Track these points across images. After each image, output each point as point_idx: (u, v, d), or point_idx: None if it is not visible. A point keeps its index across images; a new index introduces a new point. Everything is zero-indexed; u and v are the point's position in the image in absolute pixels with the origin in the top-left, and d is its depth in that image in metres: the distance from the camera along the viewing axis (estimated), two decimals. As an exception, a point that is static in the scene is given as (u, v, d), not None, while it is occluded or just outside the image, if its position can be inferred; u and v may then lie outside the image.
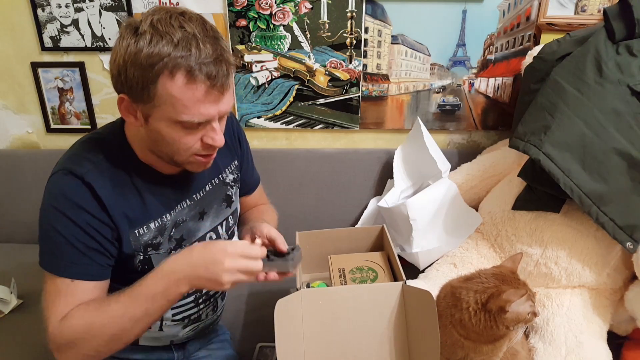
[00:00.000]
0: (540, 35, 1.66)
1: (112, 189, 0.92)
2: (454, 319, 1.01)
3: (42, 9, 1.70)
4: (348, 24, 1.67)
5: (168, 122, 0.85)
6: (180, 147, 0.89)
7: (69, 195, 0.88)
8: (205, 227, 1.09)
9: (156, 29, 0.80)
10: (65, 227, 0.88)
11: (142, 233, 0.97)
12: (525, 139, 1.31)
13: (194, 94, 0.82)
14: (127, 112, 0.88)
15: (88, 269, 0.91)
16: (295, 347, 0.99)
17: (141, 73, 0.80)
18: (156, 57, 0.79)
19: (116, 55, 0.83)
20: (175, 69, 0.80)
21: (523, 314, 0.97)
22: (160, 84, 0.81)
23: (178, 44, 0.79)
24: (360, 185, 1.80)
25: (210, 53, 0.81)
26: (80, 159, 0.92)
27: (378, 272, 1.17)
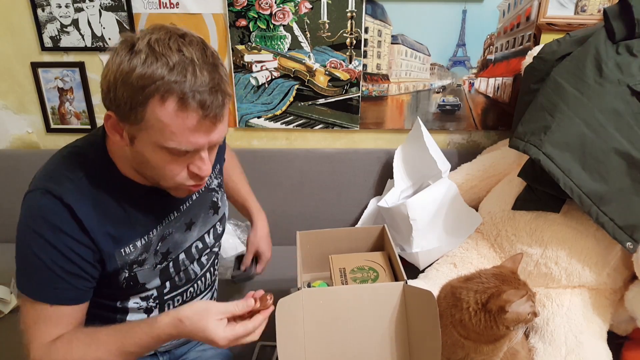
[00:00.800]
0: (540, 35, 1.66)
1: (93, 208, 0.87)
2: (454, 319, 1.01)
3: (42, 9, 1.70)
4: (348, 24, 1.67)
5: (154, 147, 0.81)
6: (165, 174, 0.85)
7: (48, 217, 0.84)
8: (192, 237, 1.06)
9: (152, 49, 0.75)
10: (43, 250, 0.85)
11: (128, 252, 0.93)
12: (525, 139, 1.31)
13: (184, 122, 0.77)
14: (113, 130, 0.83)
15: (67, 293, 0.88)
16: (296, 346, 0.99)
17: (131, 94, 0.76)
18: (148, 79, 0.74)
19: (108, 71, 0.78)
20: (167, 94, 0.75)
21: (523, 314, 0.97)
22: (149, 108, 0.76)
23: (173, 68, 0.75)
24: (360, 185, 1.80)
25: (206, 81, 0.76)
26: (59, 176, 0.87)
27: (379, 272, 1.17)
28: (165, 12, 1.68)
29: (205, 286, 1.16)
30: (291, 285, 1.56)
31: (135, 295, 1.00)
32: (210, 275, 1.17)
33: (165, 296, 1.05)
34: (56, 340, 0.87)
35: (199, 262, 1.10)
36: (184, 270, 1.06)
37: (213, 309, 0.83)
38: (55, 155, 0.93)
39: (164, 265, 1.01)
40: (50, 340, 0.87)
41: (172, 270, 1.03)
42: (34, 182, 0.89)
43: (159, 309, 1.05)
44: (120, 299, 1.00)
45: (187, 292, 1.10)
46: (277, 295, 0.96)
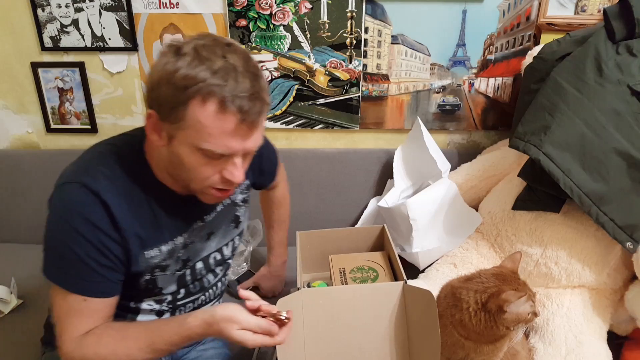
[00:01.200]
0: (540, 35, 1.66)
1: (127, 208, 0.89)
2: (455, 319, 1.01)
3: (42, 9, 1.70)
4: (348, 24, 1.67)
5: (190, 148, 0.83)
6: (197, 176, 0.87)
7: (84, 212, 0.86)
8: (210, 247, 1.08)
9: (198, 53, 0.78)
10: (78, 244, 0.86)
11: (152, 255, 0.95)
12: (525, 138, 1.31)
13: (222, 125, 0.80)
14: (152, 130, 0.86)
15: (101, 286, 0.90)
16: (296, 346, 0.99)
17: (174, 92, 0.79)
18: (191, 79, 0.77)
19: (153, 71, 0.82)
20: (208, 96, 0.78)
21: (523, 314, 0.97)
22: (190, 108, 0.79)
23: (217, 72, 0.78)
24: (360, 185, 1.80)
25: (247, 88, 0.79)
26: (95, 172, 0.88)
27: (379, 272, 1.17)
28: (165, 12, 1.68)
29: (215, 295, 1.18)
30: (291, 285, 1.56)
31: (149, 298, 1.02)
32: (220, 284, 1.19)
33: (178, 302, 1.07)
34: (87, 334, 0.89)
35: (213, 273, 1.12)
36: (199, 279, 1.09)
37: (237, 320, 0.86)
38: (91, 150, 0.94)
39: (182, 272, 1.03)
40: (81, 333, 0.89)
41: (188, 277, 1.05)
42: (69, 175, 0.90)
43: (171, 313, 1.07)
44: (134, 299, 1.01)
45: (198, 300, 1.12)
46: (277, 296, 0.96)
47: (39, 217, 1.80)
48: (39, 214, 1.86)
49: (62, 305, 0.89)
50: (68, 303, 0.89)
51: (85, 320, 0.89)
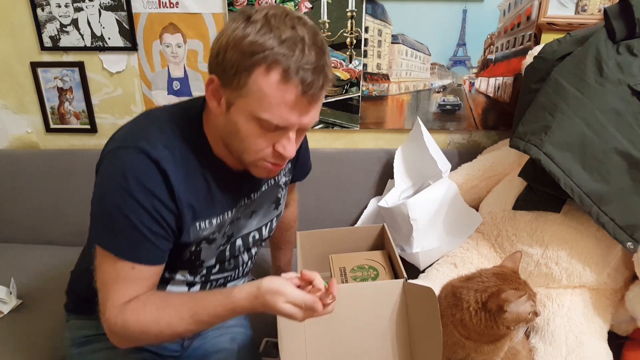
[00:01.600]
0: (540, 35, 1.66)
1: (183, 179, 0.89)
2: (455, 318, 1.01)
3: (42, 9, 1.70)
4: (348, 24, 1.66)
5: (248, 117, 0.83)
6: (251, 147, 0.87)
7: (142, 179, 0.84)
8: (252, 225, 1.08)
9: (268, 21, 0.78)
10: (133, 210, 0.85)
11: (203, 227, 0.95)
12: (525, 138, 1.31)
13: (283, 95, 0.80)
14: (213, 96, 0.86)
15: (151, 254, 0.89)
16: (298, 344, 0.99)
17: (239, 58, 0.79)
18: (259, 46, 0.77)
19: (221, 35, 0.82)
20: (274, 64, 0.78)
21: (523, 314, 0.97)
22: (254, 75, 0.79)
23: (284, 41, 0.78)
24: (360, 185, 1.80)
25: (312, 60, 0.79)
26: (154, 140, 0.87)
27: (379, 271, 1.17)
28: (165, 11, 1.68)
29: (243, 273, 1.18)
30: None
31: (185, 270, 1.02)
32: (251, 263, 1.19)
33: (211, 276, 1.07)
34: (130, 301, 0.87)
35: (249, 252, 1.13)
36: (236, 256, 1.09)
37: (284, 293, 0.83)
38: (148, 116, 0.94)
39: (224, 247, 1.04)
40: (125, 300, 0.88)
41: (227, 254, 1.06)
42: (125, 138, 0.89)
43: (201, 286, 1.07)
44: (169, 270, 1.00)
45: (230, 276, 1.13)
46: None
47: (38, 217, 1.82)
48: (39, 214, 1.87)
49: (110, 271, 0.88)
50: (116, 269, 0.87)
51: (131, 287, 0.88)
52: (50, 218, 1.80)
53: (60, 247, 1.78)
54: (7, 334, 1.39)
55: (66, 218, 1.79)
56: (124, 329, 0.86)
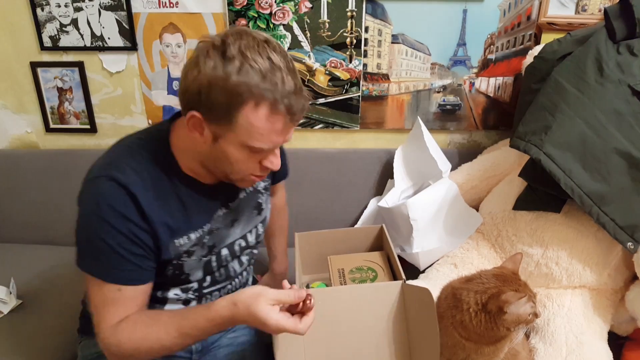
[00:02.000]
0: (540, 35, 1.66)
1: (154, 199, 0.93)
2: (455, 320, 1.00)
3: (42, 9, 1.69)
4: (348, 24, 1.66)
5: (238, 146, 0.88)
6: (241, 169, 0.93)
7: (114, 205, 0.89)
8: (235, 234, 1.10)
9: (245, 56, 0.81)
10: (110, 235, 0.89)
11: (182, 243, 0.99)
12: (526, 138, 1.31)
13: (273, 126, 0.85)
14: (194, 129, 0.89)
15: (134, 274, 0.93)
16: (295, 347, 0.99)
17: (226, 98, 0.82)
18: (244, 86, 0.81)
19: (198, 74, 0.83)
20: (261, 100, 0.82)
21: (523, 315, 0.96)
22: (243, 112, 0.83)
23: (266, 76, 0.81)
24: (360, 185, 1.80)
25: (292, 86, 0.84)
26: (124, 166, 0.92)
27: (377, 272, 1.17)
28: (165, 11, 1.68)
29: (241, 284, 1.20)
30: (290, 285, 1.56)
31: (176, 287, 1.06)
32: (246, 273, 1.21)
33: (204, 289, 1.09)
34: (122, 321, 0.92)
35: (239, 260, 1.15)
36: (225, 266, 1.11)
37: (266, 294, 0.86)
38: (119, 145, 0.99)
39: (208, 258, 1.05)
40: (117, 321, 0.92)
41: (214, 264, 1.08)
42: (98, 169, 0.93)
43: (197, 302, 1.10)
44: (162, 288, 1.04)
45: (225, 288, 1.14)
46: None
47: (38, 217, 1.82)
48: (38, 214, 1.87)
49: (98, 295, 0.92)
50: (103, 293, 0.92)
51: (121, 308, 0.92)
52: (50, 218, 1.80)
53: (60, 247, 1.77)
54: (7, 334, 1.39)
55: (66, 218, 1.77)
56: (118, 348, 0.90)
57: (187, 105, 0.87)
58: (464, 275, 1.08)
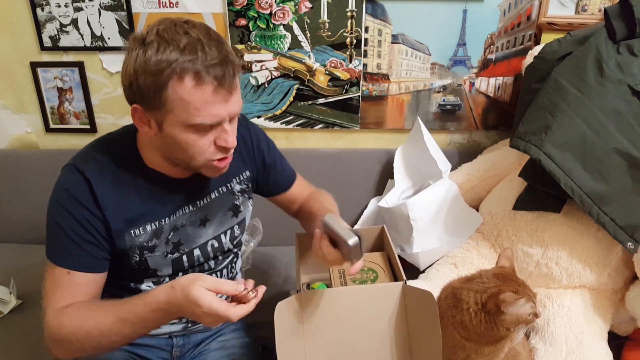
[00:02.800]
0: (540, 35, 1.66)
1: (112, 188, 0.95)
2: (455, 320, 1.00)
3: (42, 9, 1.69)
4: (348, 24, 1.66)
5: (181, 127, 0.87)
6: (194, 152, 0.91)
7: (70, 190, 0.93)
8: (207, 234, 1.09)
9: (162, 37, 0.82)
10: (64, 219, 0.93)
11: (137, 234, 0.99)
12: (526, 138, 1.31)
13: (203, 96, 0.84)
14: (141, 122, 0.90)
15: (83, 260, 0.94)
16: (296, 349, 0.99)
17: (152, 80, 0.82)
18: (164, 62, 0.81)
19: (126, 67, 0.85)
20: (184, 72, 0.82)
21: (523, 315, 0.96)
22: (170, 89, 0.83)
23: (184, 48, 0.82)
24: (360, 185, 1.80)
25: (215, 55, 0.83)
26: (87, 157, 0.96)
27: (378, 273, 1.17)
28: (165, 11, 1.68)
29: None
30: (291, 286, 1.56)
31: (148, 279, 1.06)
32: (227, 271, 1.19)
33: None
34: (67, 306, 0.92)
35: (215, 260, 1.14)
36: (199, 265, 1.11)
37: (203, 278, 0.86)
38: (90, 142, 1.01)
39: (176, 256, 1.05)
40: (63, 305, 0.93)
41: (186, 263, 1.07)
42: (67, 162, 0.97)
43: None
44: (134, 280, 1.06)
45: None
46: (277, 297, 0.96)
47: (38, 217, 1.80)
48: (39, 214, 1.86)
49: (50, 277, 0.95)
50: (54, 276, 0.94)
51: (68, 293, 0.93)
52: (50, 218, 1.80)
53: (60, 247, 1.77)
54: (7, 334, 1.39)
55: (66, 218, 1.79)
56: (59, 331, 0.90)
57: (128, 102, 0.89)
58: (464, 275, 1.08)
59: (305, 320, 1.00)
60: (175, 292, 0.85)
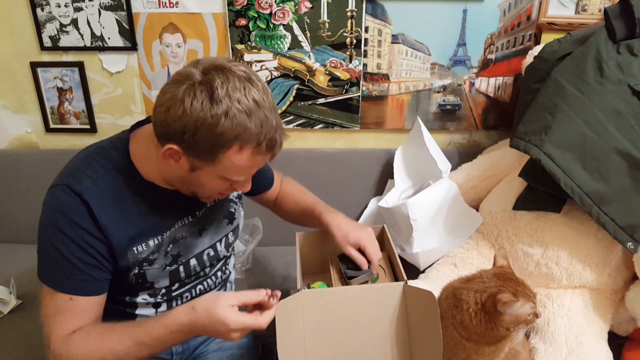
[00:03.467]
0: (540, 35, 1.66)
1: (112, 207, 0.92)
2: (455, 320, 1.00)
3: (42, 9, 1.69)
4: (348, 24, 1.66)
5: (215, 177, 0.90)
6: (212, 190, 0.95)
7: (66, 213, 0.88)
8: (203, 243, 1.08)
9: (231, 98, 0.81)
10: (62, 243, 0.89)
11: (140, 250, 0.97)
12: (526, 138, 1.31)
13: (253, 163, 0.88)
14: (170, 158, 0.88)
15: (86, 284, 0.91)
16: (297, 348, 0.99)
17: (213, 141, 0.82)
18: (231, 131, 0.82)
19: (183, 113, 0.81)
20: (246, 143, 0.84)
21: (523, 315, 0.96)
22: (227, 153, 0.85)
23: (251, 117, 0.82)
24: (360, 185, 1.80)
25: (273, 125, 0.86)
26: (80, 174, 0.91)
27: (379, 273, 1.17)
28: (165, 11, 1.67)
29: (216, 284, 1.18)
30: (291, 286, 1.56)
31: (144, 292, 1.04)
32: (221, 273, 1.19)
33: (173, 292, 1.08)
34: (74, 332, 0.90)
35: (211, 267, 1.13)
36: (195, 274, 1.09)
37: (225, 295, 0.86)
38: (79, 153, 0.97)
39: (174, 267, 1.03)
40: (68, 332, 0.90)
41: (182, 274, 1.06)
42: (57, 179, 0.93)
43: (167, 305, 1.08)
44: (129, 294, 1.03)
45: (195, 289, 1.12)
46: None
47: (38, 217, 1.81)
48: (38, 214, 1.86)
49: (50, 304, 0.91)
50: (55, 302, 0.90)
51: (72, 319, 0.90)
52: (50, 218, 1.80)
53: (60, 247, 1.77)
54: (7, 334, 1.39)
55: (66, 218, 1.79)
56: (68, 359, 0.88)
57: (165, 137, 0.85)
58: (464, 275, 1.08)
59: (306, 320, 1.00)
60: (197, 314, 0.85)
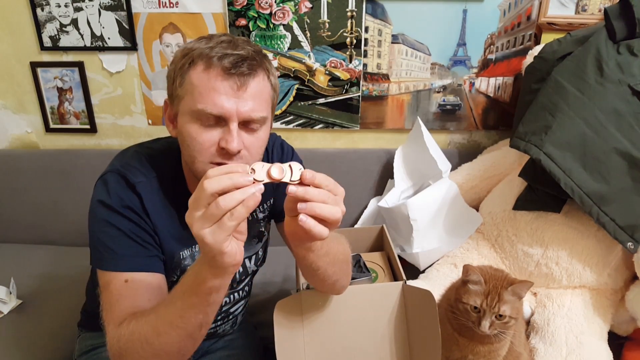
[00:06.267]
0: (540, 35, 1.66)
1: (160, 207, 0.92)
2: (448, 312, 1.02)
3: (42, 9, 1.69)
4: (348, 24, 1.66)
5: (188, 117, 0.85)
6: (195, 148, 0.86)
7: (123, 198, 0.89)
8: None
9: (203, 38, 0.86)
10: (120, 221, 0.88)
11: (184, 256, 0.97)
12: (526, 138, 1.31)
13: (209, 81, 0.82)
14: (168, 120, 0.91)
15: (147, 260, 0.90)
16: (296, 348, 0.99)
17: (174, 67, 0.87)
18: (188, 49, 0.85)
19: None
20: (199, 58, 0.83)
21: (478, 292, 0.98)
22: (186, 74, 0.84)
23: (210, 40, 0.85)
24: (360, 185, 1.80)
25: (240, 53, 0.83)
26: (134, 169, 0.92)
27: (378, 272, 1.17)
28: (165, 11, 1.68)
29: (242, 296, 1.17)
30: (291, 286, 1.56)
31: None
32: (248, 287, 1.19)
33: None
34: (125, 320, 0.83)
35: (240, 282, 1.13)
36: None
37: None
38: (131, 150, 0.98)
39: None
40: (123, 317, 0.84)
41: None
42: (110, 168, 0.93)
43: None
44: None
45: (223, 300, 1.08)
46: (277, 297, 0.96)
47: (38, 217, 1.82)
48: (38, 214, 1.87)
49: (106, 295, 0.87)
50: (110, 290, 0.87)
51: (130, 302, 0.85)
52: (50, 218, 1.80)
53: (60, 247, 1.78)
54: (7, 334, 1.39)
55: (66, 218, 1.79)
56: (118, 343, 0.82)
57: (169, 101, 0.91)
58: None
59: (305, 320, 1.00)
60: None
